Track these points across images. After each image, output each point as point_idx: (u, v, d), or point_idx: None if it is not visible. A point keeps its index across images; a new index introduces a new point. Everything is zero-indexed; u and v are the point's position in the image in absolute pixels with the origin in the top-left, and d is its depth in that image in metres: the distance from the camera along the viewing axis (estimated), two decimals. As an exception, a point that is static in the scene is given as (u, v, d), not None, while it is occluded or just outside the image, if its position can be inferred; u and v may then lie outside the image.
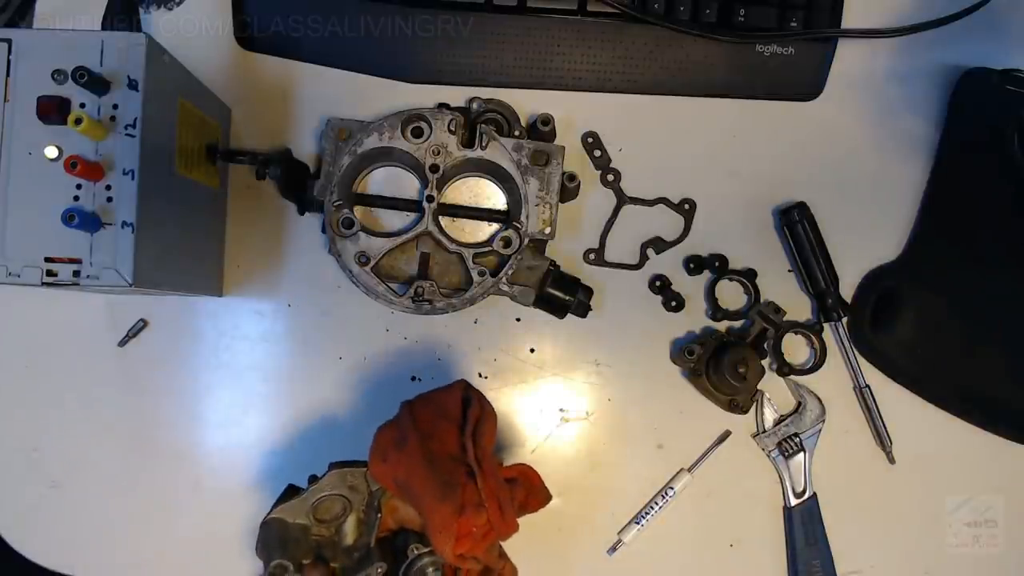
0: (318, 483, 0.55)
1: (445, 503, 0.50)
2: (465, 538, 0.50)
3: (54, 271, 0.46)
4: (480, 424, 0.53)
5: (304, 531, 0.54)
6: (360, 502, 0.55)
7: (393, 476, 0.52)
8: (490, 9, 0.63)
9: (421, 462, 0.51)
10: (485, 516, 0.50)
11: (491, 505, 0.51)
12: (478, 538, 0.51)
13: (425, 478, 0.50)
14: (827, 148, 0.65)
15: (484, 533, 0.51)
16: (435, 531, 0.50)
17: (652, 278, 0.64)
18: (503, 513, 0.51)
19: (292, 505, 0.54)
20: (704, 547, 0.63)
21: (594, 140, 0.65)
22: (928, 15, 0.65)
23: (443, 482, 0.50)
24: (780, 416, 0.63)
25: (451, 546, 0.50)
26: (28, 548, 0.62)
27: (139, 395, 0.63)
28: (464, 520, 0.50)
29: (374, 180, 0.64)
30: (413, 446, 0.52)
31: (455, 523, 0.49)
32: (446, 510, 0.50)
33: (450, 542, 0.49)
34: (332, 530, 0.55)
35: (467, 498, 0.50)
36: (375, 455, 0.53)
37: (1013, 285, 0.63)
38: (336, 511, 0.55)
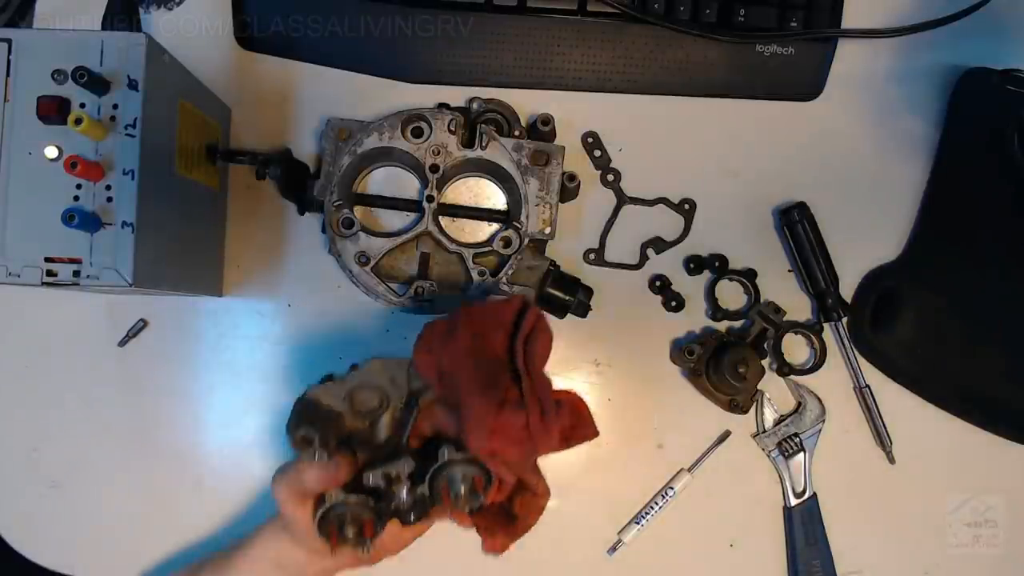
0: (359, 370, 0.52)
1: (485, 397, 0.48)
2: (499, 435, 0.47)
3: (54, 271, 0.46)
4: (533, 334, 0.51)
5: (337, 417, 0.51)
6: (398, 399, 0.52)
7: (437, 366, 0.50)
8: (490, 9, 0.63)
9: (467, 356, 0.49)
10: (524, 418, 0.48)
11: (532, 409, 0.48)
12: (513, 440, 0.48)
13: (469, 372, 0.49)
14: (827, 148, 0.65)
15: (520, 437, 0.48)
16: (470, 425, 0.48)
17: (652, 278, 0.64)
18: (544, 420, 0.49)
19: (329, 387, 0.52)
20: (704, 547, 0.63)
21: (594, 140, 0.65)
22: (928, 15, 0.65)
23: (486, 379, 0.48)
24: (780, 416, 0.63)
25: (484, 441, 0.47)
26: (28, 548, 0.62)
27: (139, 395, 0.63)
28: (502, 416, 0.47)
29: (374, 180, 0.64)
30: (461, 341, 0.50)
31: (491, 418, 0.47)
32: (485, 404, 0.47)
33: (483, 437, 0.47)
34: (366, 424, 0.52)
35: (508, 397, 0.48)
36: (421, 344, 0.51)
37: (1013, 285, 0.63)
38: (373, 404, 0.52)
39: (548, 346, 0.52)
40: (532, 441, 0.48)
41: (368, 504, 0.48)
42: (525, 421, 0.48)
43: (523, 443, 0.48)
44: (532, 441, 0.48)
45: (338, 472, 0.47)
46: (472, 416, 0.48)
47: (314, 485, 0.47)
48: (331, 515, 0.47)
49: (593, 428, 0.53)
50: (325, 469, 0.47)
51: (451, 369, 0.49)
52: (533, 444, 0.48)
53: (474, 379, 0.48)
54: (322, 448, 0.47)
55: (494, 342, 0.50)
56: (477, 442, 0.47)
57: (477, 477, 0.49)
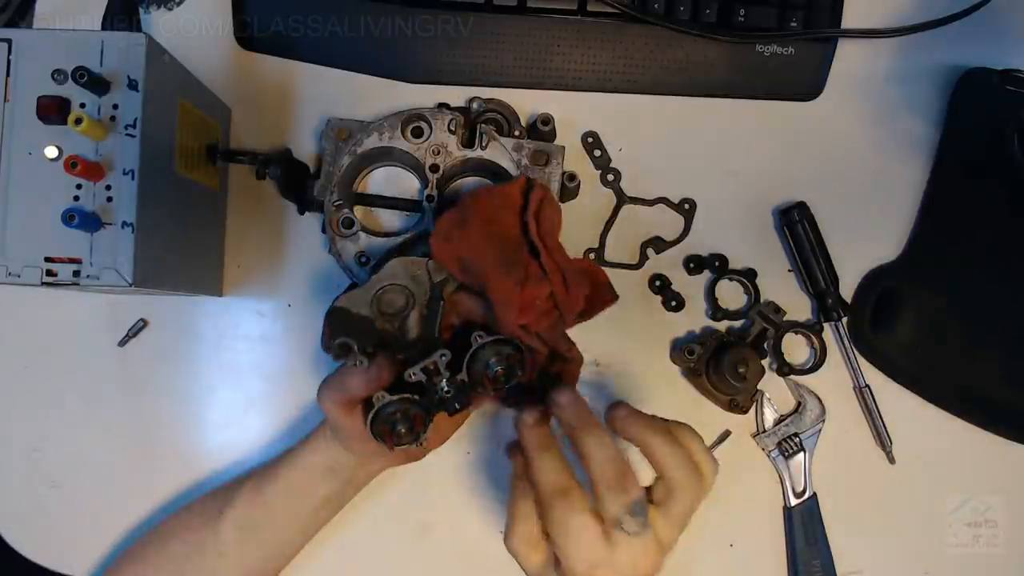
0: (380, 272, 0.53)
1: (508, 276, 0.49)
2: (528, 309, 0.50)
3: (54, 271, 0.46)
4: (543, 206, 0.53)
5: (368, 323, 0.52)
6: (422, 295, 0.53)
7: (456, 254, 0.51)
8: (490, 9, 0.63)
9: (484, 240, 0.51)
10: (548, 289, 0.50)
11: (555, 279, 0.50)
12: (541, 312, 0.50)
13: (488, 254, 0.50)
14: (827, 148, 0.65)
15: (547, 308, 0.50)
16: (498, 304, 0.49)
17: (652, 278, 0.64)
18: (567, 288, 0.51)
19: (354, 295, 0.52)
20: (704, 547, 0.63)
21: (594, 140, 0.65)
22: (928, 15, 0.65)
23: (506, 258, 0.50)
24: (780, 416, 0.63)
25: (513, 316, 0.49)
26: (28, 548, 0.62)
27: (139, 395, 0.63)
28: (527, 291, 0.49)
29: (374, 180, 0.64)
30: (476, 226, 0.51)
31: (517, 294, 0.49)
32: (509, 282, 0.49)
33: (512, 312, 0.49)
34: (395, 325, 0.52)
35: (530, 271, 0.50)
36: (437, 236, 0.52)
37: (1013, 285, 0.64)
38: (399, 304, 0.53)
39: (559, 218, 0.54)
40: (559, 310, 0.51)
41: (414, 400, 0.48)
42: (549, 292, 0.50)
43: (551, 313, 0.51)
44: (559, 310, 0.51)
45: (381, 374, 0.47)
46: (499, 295, 0.49)
47: (359, 390, 0.47)
48: (382, 416, 0.47)
49: (612, 293, 0.55)
50: (367, 373, 0.47)
51: (471, 255, 0.51)
52: (560, 313, 0.51)
53: (495, 260, 0.50)
54: (362, 353, 0.47)
55: (506, 222, 0.52)
56: (507, 318, 0.49)
57: (511, 355, 0.49)
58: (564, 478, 0.43)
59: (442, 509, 0.63)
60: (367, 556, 0.63)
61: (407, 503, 0.63)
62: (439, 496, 0.63)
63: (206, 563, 0.54)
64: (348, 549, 0.62)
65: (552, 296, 0.51)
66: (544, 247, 0.51)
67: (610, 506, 0.41)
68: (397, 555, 0.63)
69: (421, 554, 0.63)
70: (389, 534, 0.63)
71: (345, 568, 0.63)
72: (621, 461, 0.42)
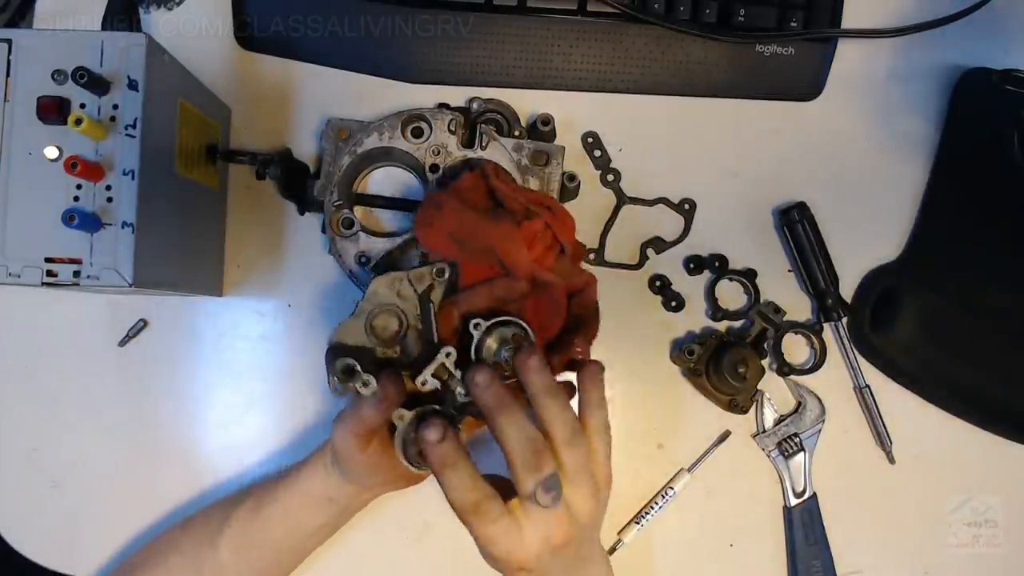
0: (365, 295, 0.52)
1: (501, 223, 0.52)
2: (534, 242, 0.52)
3: (54, 271, 0.46)
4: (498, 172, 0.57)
5: (369, 352, 0.51)
6: (413, 311, 0.52)
7: (444, 231, 0.53)
8: (490, 9, 0.63)
9: (465, 210, 0.53)
10: (541, 221, 0.53)
11: (541, 211, 0.54)
12: (545, 245, 0.53)
13: (475, 216, 0.53)
14: (827, 148, 0.65)
15: (548, 242, 0.53)
16: (504, 250, 0.51)
17: (652, 278, 0.64)
18: (554, 213, 0.54)
19: (347, 327, 0.50)
20: (704, 547, 0.63)
21: (594, 140, 0.65)
22: (928, 15, 0.65)
23: (493, 213, 0.54)
24: (780, 416, 0.63)
25: (524, 252, 0.51)
26: (28, 548, 0.62)
27: (139, 395, 0.63)
28: (524, 226, 0.52)
29: (374, 180, 0.64)
30: (451, 202, 0.54)
31: (517, 231, 0.52)
32: (504, 226, 0.52)
33: (522, 248, 0.52)
34: (396, 349, 0.51)
35: (517, 216, 0.53)
36: (420, 226, 0.54)
37: (1013, 285, 0.64)
38: (393, 328, 0.51)
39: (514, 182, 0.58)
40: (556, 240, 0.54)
41: (435, 411, 0.47)
42: (543, 222, 0.53)
43: (553, 246, 0.54)
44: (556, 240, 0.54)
45: (391, 392, 0.47)
46: (502, 238, 0.52)
47: (375, 418, 0.47)
48: (410, 440, 0.47)
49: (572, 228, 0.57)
50: (377, 398, 0.46)
51: (458, 225, 0.53)
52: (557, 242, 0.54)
53: (484, 217, 0.53)
54: (366, 372, 0.46)
55: (477, 198, 0.55)
56: (520, 256, 0.52)
57: (516, 335, 0.49)
58: (473, 494, 0.44)
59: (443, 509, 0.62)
60: (368, 556, 0.63)
61: (408, 503, 0.63)
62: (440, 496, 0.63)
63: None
64: (349, 549, 0.62)
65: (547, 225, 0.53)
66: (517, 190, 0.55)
67: (526, 483, 0.43)
68: (398, 555, 0.63)
69: (422, 554, 0.63)
70: (390, 534, 0.63)
71: (346, 569, 0.63)
72: (536, 440, 0.43)
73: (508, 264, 0.52)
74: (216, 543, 0.54)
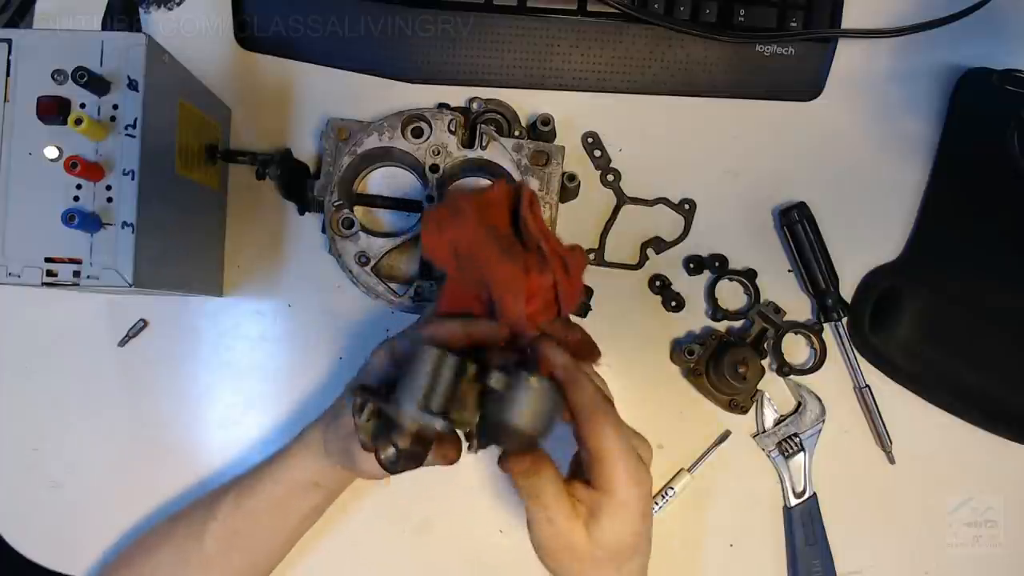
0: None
1: (510, 262, 0.48)
2: (535, 297, 0.48)
3: (54, 271, 0.46)
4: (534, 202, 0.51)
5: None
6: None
7: (452, 243, 0.49)
8: (490, 9, 0.63)
9: (481, 229, 0.49)
10: (551, 279, 0.49)
11: (557, 268, 0.49)
12: (544, 304, 0.49)
13: (488, 242, 0.48)
14: (827, 148, 0.65)
15: (549, 300, 0.49)
16: (503, 293, 0.47)
17: (652, 278, 0.64)
18: (568, 274, 0.50)
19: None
20: (704, 547, 0.63)
21: (594, 140, 0.65)
22: (928, 15, 0.65)
23: (505, 248, 0.48)
24: (780, 416, 0.63)
25: (522, 303, 0.47)
26: (28, 548, 0.62)
27: (139, 395, 0.63)
28: (531, 279, 0.48)
29: (374, 180, 0.64)
30: (469, 214, 0.49)
31: (523, 280, 0.47)
32: (513, 268, 0.47)
33: (521, 299, 0.47)
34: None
35: (530, 261, 0.48)
36: (429, 227, 0.49)
37: (1013, 285, 0.63)
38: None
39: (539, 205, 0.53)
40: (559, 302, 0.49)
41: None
42: (553, 282, 0.49)
43: (552, 306, 0.50)
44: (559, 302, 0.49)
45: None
46: (505, 282, 0.48)
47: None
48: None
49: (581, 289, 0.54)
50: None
51: (466, 242, 0.49)
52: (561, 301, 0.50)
53: (495, 248, 0.48)
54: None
55: (498, 218, 0.51)
56: (516, 306, 0.47)
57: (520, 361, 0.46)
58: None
59: (442, 506, 0.63)
60: (368, 553, 0.63)
61: (408, 500, 0.63)
62: (439, 493, 0.63)
63: (191, 574, 0.55)
64: (349, 546, 0.62)
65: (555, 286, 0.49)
66: (545, 237, 0.50)
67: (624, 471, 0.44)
68: (398, 552, 0.63)
69: (422, 551, 0.63)
70: (390, 531, 0.63)
71: (346, 565, 0.63)
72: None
73: (500, 309, 0.48)
74: (202, 535, 0.54)
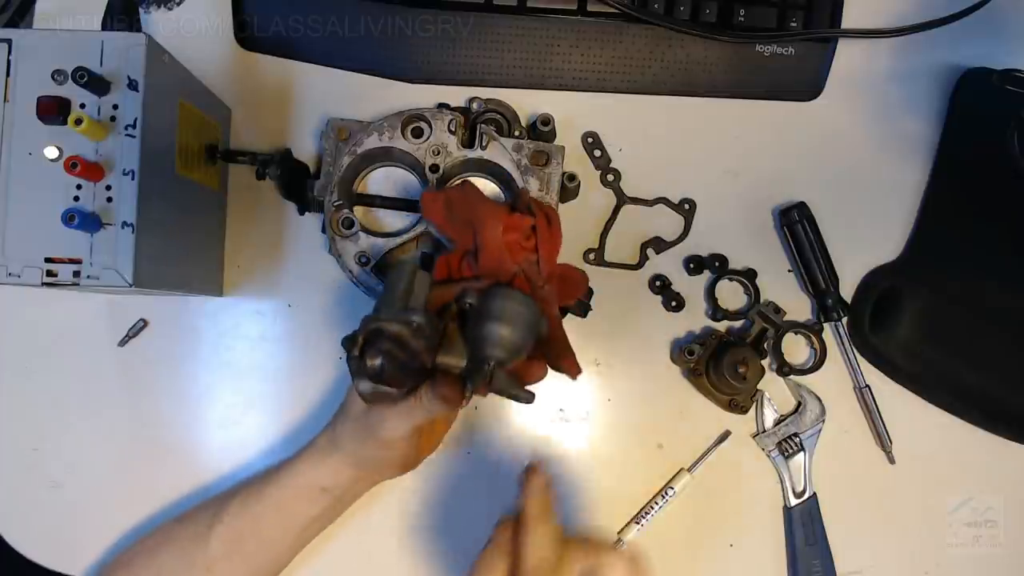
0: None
1: (497, 206, 0.54)
2: (513, 230, 0.52)
3: (54, 271, 0.46)
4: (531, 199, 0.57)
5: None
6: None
7: (445, 198, 0.55)
8: (490, 9, 0.63)
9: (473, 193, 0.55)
10: (532, 221, 0.53)
11: (539, 215, 0.54)
12: (523, 238, 0.53)
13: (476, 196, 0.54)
14: (827, 148, 0.65)
15: (528, 237, 0.53)
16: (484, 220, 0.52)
17: (652, 278, 0.64)
18: (550, 226, 0.54)
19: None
20: (704, 547, 0.63)
21: (594, 140, 0.65)
22: (928, 15, 0.65)
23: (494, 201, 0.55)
24: (780, 416, 0.63)
25: (499, 232, 0.52)
26: (28, 548, 0.62)
27: (139, 395, 0.63)
28: (514, 216, 0.53)
29: (374, 180, 0.64)
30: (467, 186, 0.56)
31: (503, 212, 0.53)
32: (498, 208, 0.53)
33: (498, 228, 0.52)
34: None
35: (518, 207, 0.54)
36: (427, 193, 0.56)
37: (1013, 285, 0.63)
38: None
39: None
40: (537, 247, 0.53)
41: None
42: (532, 223, 0.53)
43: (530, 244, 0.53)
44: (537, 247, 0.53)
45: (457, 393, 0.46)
46: (486, 214, 0.52)
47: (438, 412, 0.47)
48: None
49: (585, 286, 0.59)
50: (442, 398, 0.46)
51: (459, 198, 0.54)
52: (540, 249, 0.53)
53: (482, 197, 0.55)
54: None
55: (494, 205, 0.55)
56: (494, 233, 0.52)
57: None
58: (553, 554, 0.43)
59: (441, 509, 0.63)
60: (366, 556, 0.63)
61: (407, 503, 0.63)
62: (439, 496, 0.63)
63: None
64: (347, 549, 0.62)
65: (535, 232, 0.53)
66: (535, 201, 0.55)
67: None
68: (396, 554, 0.63)
69: (420, 553, 0.63)
70: (389, 533, 0.63)
71: (344, 568, 0.63)
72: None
73: (479, 238, 0.52)
74: (207, 538, 0.54)
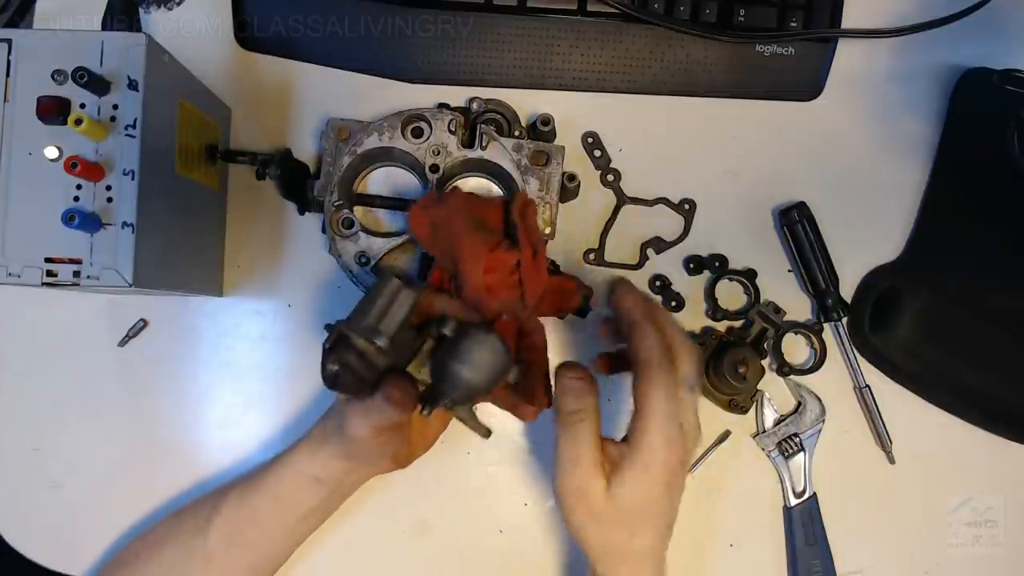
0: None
1: (479, 236, 0.50)
2: (494, 271, 0.50)
3: (54, 271, 0.46)
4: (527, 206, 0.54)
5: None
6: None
7: (431, 218, 0.52)
8: (490, 9, 0.63)
9: (462, 210, 0.51)
10: (516, 258, 0.51)
11: (525, 249, 0.51)
12: (505, 276, 0.51)
13: (462, 218, 0.51)
14: (827, 148, 0.65)
15: (511, 281, 0.51)
16: (464, 260, 0.50)
17: (652, 278, 0.64)
18: (536, 261, 0.52)
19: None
20: (704, 547, 0.63)
21: (594, 140, 0.65)
22: (928, 15, 0.65)
23: (479, 225, 0.51)
24: (780, 416, 0.63)
25: (479, 272, 0.49)
26: (28, 548, 0.62)
27: (139, 395, 0.63)
28: (496, 253, 0.50)
29: (374, 180, 0.64)
30: (456, 201, 0.52)
31: (486, 253, 0.50)
32: (479, 241, 0.50)
33: (479, 268, 0.49)
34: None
35: (501, 243, 0.51)
36: (416, 207, 0.53)
37: (1013, 285, 0.64)
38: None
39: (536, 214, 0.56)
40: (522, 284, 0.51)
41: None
42: (517, 261, 0.50)
43: (514, 288, 0.51)
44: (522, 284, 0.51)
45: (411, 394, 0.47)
46: (467, 251, 0.49)
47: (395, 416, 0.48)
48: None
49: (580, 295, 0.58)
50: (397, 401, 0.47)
51: (445, 218, 0.51)
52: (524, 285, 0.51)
53: (468, 224, 0.50)
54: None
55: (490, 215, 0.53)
56: (474, 272, 0.49)
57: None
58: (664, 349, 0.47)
59: (441, 509, 0.63)
60: (367, 555, 0.63)
61: (407, 503, 0.63)
62: (439, 496, 0.63)
63: (194, 570, 0.54)
64: (348, 548, 0.62)
65: (519, 268, 0.51)
66: (523, 221, 0.52)
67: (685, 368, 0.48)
68: (396, 554, 0.63)
69: (420, 553, 0.63)
70: (389, 533, 0.63)
71: (345, 567, 0.63)
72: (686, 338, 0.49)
73: (460, 277, 0.50)
74: (206, 531, 0.54)
